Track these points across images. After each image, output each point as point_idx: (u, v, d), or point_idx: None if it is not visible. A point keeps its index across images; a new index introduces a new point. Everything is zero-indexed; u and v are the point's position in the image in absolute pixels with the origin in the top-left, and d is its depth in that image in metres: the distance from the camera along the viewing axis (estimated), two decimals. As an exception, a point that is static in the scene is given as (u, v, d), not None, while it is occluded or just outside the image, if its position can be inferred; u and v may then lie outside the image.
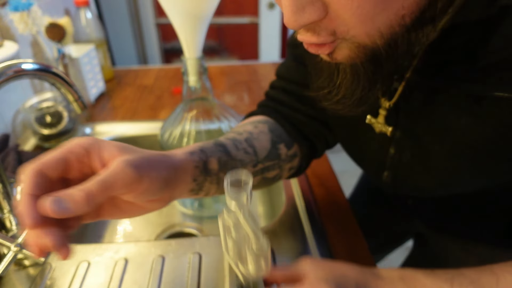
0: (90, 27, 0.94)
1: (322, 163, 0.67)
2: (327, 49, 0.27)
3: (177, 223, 0.70)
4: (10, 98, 0.74)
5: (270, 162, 0.43)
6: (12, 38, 0.76)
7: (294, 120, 0.47)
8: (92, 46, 0.89)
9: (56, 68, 0.43)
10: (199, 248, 0.49)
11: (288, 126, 0.46)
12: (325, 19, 0.25)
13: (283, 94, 0.49)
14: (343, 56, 0.28)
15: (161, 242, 0.50)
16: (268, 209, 0.72)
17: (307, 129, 0.47)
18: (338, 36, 0.26)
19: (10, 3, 0.69)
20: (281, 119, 0.47)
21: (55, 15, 0.81)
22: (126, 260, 0.47)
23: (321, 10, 0.24)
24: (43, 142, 0.72)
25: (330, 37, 0.26)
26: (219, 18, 2.02)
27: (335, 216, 0.55)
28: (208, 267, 0.46)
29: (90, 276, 0.45)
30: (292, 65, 0.48)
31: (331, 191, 0.60)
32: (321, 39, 0.26)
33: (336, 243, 0.50)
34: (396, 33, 0.25)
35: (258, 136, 0.43)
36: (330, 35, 0.26)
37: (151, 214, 0.72)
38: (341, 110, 0.33)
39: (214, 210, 0.71)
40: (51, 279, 0.45)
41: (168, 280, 0.45)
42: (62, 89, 0.44)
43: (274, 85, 0.51)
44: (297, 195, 0.59)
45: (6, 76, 0.38)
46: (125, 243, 0.50)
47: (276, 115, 0.47)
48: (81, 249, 0.49)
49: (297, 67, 0.47)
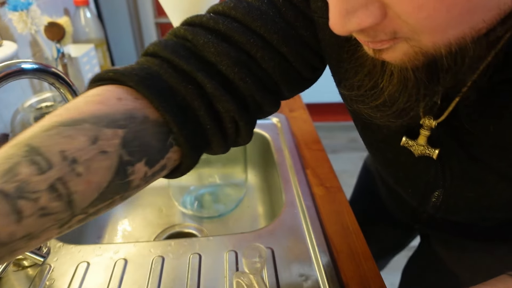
0: (89, 26, 0.94)
1: (322, 163, 0.66)
2: (385, 45, 0.23)
3: (177, 224, 0.69)
4: (9, 98, 0.73)
5: (101, 204, 0.25)
6: (11, 37, 0.76)
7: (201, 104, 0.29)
8: (92, 45, 0.89)
9: (55, 68, 0.43)
10: (199, 249, 0.49)
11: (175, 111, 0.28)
12: (384, 21, 0.20)
13: (219, 45, 0.31)
14: (394, 57, 0.23)
15: (160, 243, 0.50)
16: (268, 209, 0.71)
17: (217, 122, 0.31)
18: (400, 35, 0.22)
19: (9, 3, 0.69)
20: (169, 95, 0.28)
21: (54, 15, 0.81)
22: (125, 261, 0.47)
23: (377, 14, 0.20)
24: (43, 142, 0.72)
25: (388, 37, 0.22)
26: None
27: (335, 216, 0.55)
28: (208, 267, 0.46)
29: (89, 276, 0.45)
30: (263, 9, 0.32)
31: (331, 191, 0.60)
32: (377, 39, 0.22)
33: (336, 243, 0.50)
34: (467, 46, 0.21)
35: (88, 165, 0.24)
36: (389, 35, 0.22)
37: (151, 215, 0.72)
38: (377, 118, 0.29)
39: (214, 211, 0.71)
40: (50, 280, 0.45)
41: (168, 281, 0.45)
42: (61, 89, 0.44)
43: (205, 23, 0.32)
44: (297, 195, 0.58)
45: (5, 76, 0.38)
46: (125, 244, 0.50)
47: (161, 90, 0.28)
48: (81, 250, 0.49)
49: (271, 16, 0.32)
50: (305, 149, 0.71)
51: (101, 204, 0.25)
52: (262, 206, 0.73)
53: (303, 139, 0.74)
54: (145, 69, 0.29)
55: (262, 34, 0.32)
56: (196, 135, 0.30)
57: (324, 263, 0.46)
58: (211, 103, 0.30)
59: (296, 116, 0.82)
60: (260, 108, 0.34)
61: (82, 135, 0.24)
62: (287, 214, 0.55)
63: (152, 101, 0.27)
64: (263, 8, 0.32)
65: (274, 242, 0.50)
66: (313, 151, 0.70)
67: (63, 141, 0.23)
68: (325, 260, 0.47)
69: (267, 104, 0.34)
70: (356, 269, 0.46)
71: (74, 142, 0.23)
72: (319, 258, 0.47)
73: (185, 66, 0.29)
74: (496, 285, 0.31)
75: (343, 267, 0.46)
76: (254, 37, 0.31)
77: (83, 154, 0.23)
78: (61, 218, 0.23)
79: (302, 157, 0.68)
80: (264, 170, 0.78)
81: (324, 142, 0.73)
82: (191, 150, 0.29)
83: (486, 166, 0.31)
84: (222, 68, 0.31)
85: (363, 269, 0.46)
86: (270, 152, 0.71)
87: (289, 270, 0.46)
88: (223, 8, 0.33)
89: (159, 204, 0.74)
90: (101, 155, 0.24)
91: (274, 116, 0.80)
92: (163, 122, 0.28)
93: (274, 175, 0.67)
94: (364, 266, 0.46)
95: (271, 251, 0.48)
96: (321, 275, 0.45)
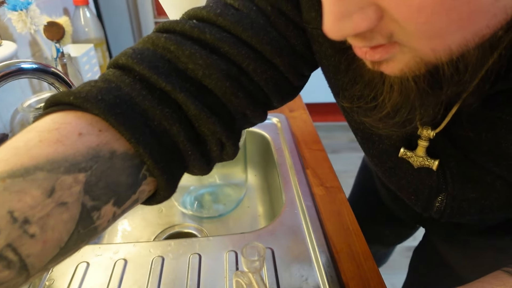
0: (89, 26, 0.93)
1: (322, 163, 0.66)
2: (381, 54, 0.21)
3: (176, 224, 0.69)
4: (8, 97, 0.73)
5: (63, 256, 0.23)
6: (11, 37, 0.75)
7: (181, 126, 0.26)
8: (91, 45, 0.89)
9: (55, 67, 0.42)
10: (198, 249, 0.49)
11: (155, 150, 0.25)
12: (380, 23, 0.19)
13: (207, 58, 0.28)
14: (394, 69, 0.22)
15: (160, 243, 0.50)
16: (268, 209, 0.71)
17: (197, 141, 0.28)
18: (396, 40, 0.20)
19: (9, 2, 0.69)
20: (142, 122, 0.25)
21: (54, 14, 0.81)
22: (125, 261, 0.47)
23: (373, 18, 0.19)
24: (42, 142, 0.72)
25: (385, 40, 0.20)
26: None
27: (335, 216, 0.55)
28: (207, 267, 0.46)
29: (89, 276, 0.45)
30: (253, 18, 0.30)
31: (331, 191, 0.60)
32: (373, 42, 0.21)
33: (336, 243, 0.50)
34: (470, 53, 0.20)
35: (44, 223, 0.20)
36: (385, 38, 0.20)
37: (151, 215, 0.72)
38: (380, 129, 0.28)
39: (213, 211, 0.70)
40: (49, 280, 0.44)
41: (167, 281, 0.45)
42: (60, 89, 0.44)
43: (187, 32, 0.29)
44: (297, 195, 0.58)
45: (4, 75, 0.38)
46: (125, 244, 0.50)
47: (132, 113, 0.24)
48: (80, 250, 0.48)
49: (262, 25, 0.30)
50: (305, 149, 0.71)
51: (63, 256, 0.22)
52: (262, 206, 0.73)
53: (303, 139, 0.74)
54: (114, 90, 0.25)
55: (253, 45, 0.29)
56: (173, 164, 0.26)
57: (324, 263, 0.46)
58: (193, 126, 0.27)
59: (296, 116, 0.82)
60: (247, 122, 0.33)
61: (35, 187, 0.20)
62: (287, 214, 0.55)
63: (123, 133, 0.23)
64: (252, 16, 0.30)
65: (274, 242, 0.50)
66: (313, 151, 0.70)
67: (11, 198, 0.19)
68: (325, 260, 0.47)
69: (257, 117, 0.33)
70: (356, 269, 0.46)
71: (26, 197, 0.19)
72: (319, 258, 0.47)
73: (164, 85, 0.26)
74: (491, 282, 0.31)
75: (343, 267, 0.46)
76: (245, 48, 0.29)
77: (36, 212, 0.19)
78: (15, 283, 0.20)
79: (302, 157, 0.68)
80: (264, 170, 0.78)
81: (324, 142, 0.73)
82: (168, 182, 0.26)
83: (483, 169, 0.31)
84: (211, 83, 0.28)
85: (363, 269, 0.46)
86: (270, 152, 0.71)
87: (289, 270, 0.46)
88: (208, 14, 0.29)
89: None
90: (59, 208, 0.20)
91: (274, 116, 0.80)
92: (135, 154, 0.24)
93: (274, 175, 0.67)
94: (364, 266, 0.46)
95: (271, 251, 0.48)
96: (321, 275, 0.45)
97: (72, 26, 0.87)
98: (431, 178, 0.35)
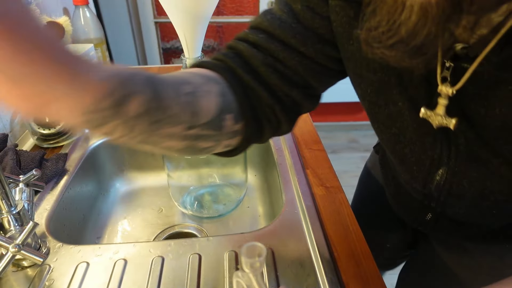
0: (89, 26, 0.93)
1: (322, 163, 0.66)
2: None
3: (176, 224, 0.69)
4: (8, 97, 0.73)
5: (208, 131, 0.34)
6: (11, 37, 0.75)
7: (251, 92, 0.37)
8: (91, 45, 0.89)
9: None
10: (198, 249, 0.49)
11: (242, 96, 0.36)
12: None
13: (252, 52, 0.38)
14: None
15: (160, 243, 0.50)
16: (268, 209, 0.71)
17: (263, 108, 0.38)
18: None
19: (9, 2, 0.69)
20: (237, 85, 0.36)
21: (54, 14, 0.81)
22: (125, 261, 0.47)
23: None
24: (42, 142, 0.72)
25: None
26: (219, 17, 2.02)
27: (335, 216, 0.55)
28: (207, 267, 0.46)
29: (89, 277, 0.45)
30: (283, 18, 0.38)
31: (331, 191, 0.60)
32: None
33: (336, 243, 0.50)
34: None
35: (205, 94, 0.33)
36: None
37: (151, 215, 0.72)
38: (392, 57, 0.28)
39: (213, 211, 0.70)
40: (49, 280, 0.44)
41: (167, 281, 0.44)
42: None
43: (244, 37, 0.39)
44: (297, 195, 0.58)
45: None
46: (124, 244, 0.50)
47: (232, 78, 0.36)
48: (80, 250, 0.48)
49: (288, 23, 0.38)
50: (305, 149, 0.71)
51: (206, 131, 0.33)
52: (262, 206, 0.73)
53: (303, 139, 0.74)
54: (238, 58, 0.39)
55: (282, 39, 0.37)
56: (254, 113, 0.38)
57: (324, 263, 0.46)
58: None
59: (296, 116, 0.82)
60: (295, 104, 0.40)
61: (198, 77, 0.34)
62: (287, 214, 0.55)
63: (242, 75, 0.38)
64: (283, 18, 0.38)
65: (274, 242, 0.50)
66: (313, 151, 0.70)
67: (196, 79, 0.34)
68: (325, 260, 0.47)
69: (304, 100, 0.40)
70: (356, 269, 0.46)
71: (197, 79, 0.34)
72: (319, 258, 0.47)
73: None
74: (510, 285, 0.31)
75: (343, 267, 0.46)
76: (275, 43, 0.38)
77: (203, 89, 0.33)
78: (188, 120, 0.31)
79: (302, 157, 0.68)
80: (264, 170, 0.78)
81: (324, 142, 0.73)
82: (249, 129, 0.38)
83: (491, 149, 0.32)
84: (263, 71, 0.38)
85: (363, 269, 0.46)
86: (270, 152, 0.71)
87: (289, 270, 0.46)
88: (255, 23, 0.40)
89: (158, 204, 0.74)
90: (210, 95, 0.33)
91: (274, 116, 0.80)
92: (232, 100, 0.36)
93: (274, 175, 0.67)
94: (364, 266, 0.46)
95: (271, 251, 0.48)
96: (321, 275, 0.45)
97: (72, 26, 0.87)
98: (434, 149, 0.37)
